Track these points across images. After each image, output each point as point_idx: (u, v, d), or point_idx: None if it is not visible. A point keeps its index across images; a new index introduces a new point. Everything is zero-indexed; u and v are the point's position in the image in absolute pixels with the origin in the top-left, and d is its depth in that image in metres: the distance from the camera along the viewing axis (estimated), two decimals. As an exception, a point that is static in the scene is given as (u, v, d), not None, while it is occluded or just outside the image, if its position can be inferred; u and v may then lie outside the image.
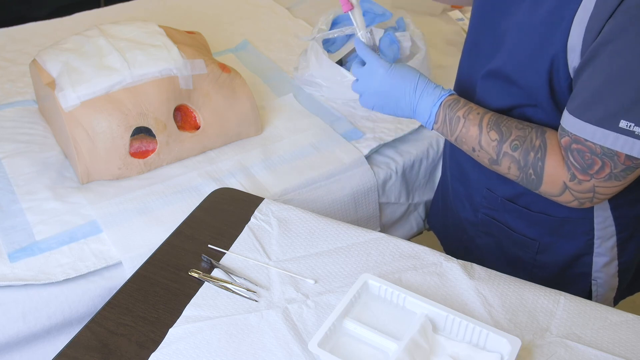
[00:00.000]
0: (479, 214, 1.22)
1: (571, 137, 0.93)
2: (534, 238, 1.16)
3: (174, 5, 2.09)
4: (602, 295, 1.19)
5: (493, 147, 1.01)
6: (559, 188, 0.98)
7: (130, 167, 1.35)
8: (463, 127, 1.03)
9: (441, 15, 2.08)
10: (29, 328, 1.14)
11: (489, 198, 1.18)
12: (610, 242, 1.12)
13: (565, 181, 0.96)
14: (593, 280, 1.17)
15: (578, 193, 0.96)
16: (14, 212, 1.27)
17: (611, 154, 0.90)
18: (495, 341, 0.88)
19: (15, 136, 1.46)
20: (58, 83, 1.33)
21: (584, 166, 0.93)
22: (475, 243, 1.27)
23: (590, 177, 0.94)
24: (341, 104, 1.61)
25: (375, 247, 1.07)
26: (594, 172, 0.93)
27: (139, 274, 1.04)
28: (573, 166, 0.94)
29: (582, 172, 0.94)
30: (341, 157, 1.45)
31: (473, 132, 1.03)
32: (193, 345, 0.91)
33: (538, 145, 0.98)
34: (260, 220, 1.13)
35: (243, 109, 1.45)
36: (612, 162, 0.91)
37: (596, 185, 0.94)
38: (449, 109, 1.04)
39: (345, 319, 0.91)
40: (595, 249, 1.13)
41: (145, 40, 1.40)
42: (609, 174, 0.92)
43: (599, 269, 1.15)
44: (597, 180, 0.94)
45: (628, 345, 0.91)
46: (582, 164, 0.93)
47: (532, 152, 0.98)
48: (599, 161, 0.92)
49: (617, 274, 1.16)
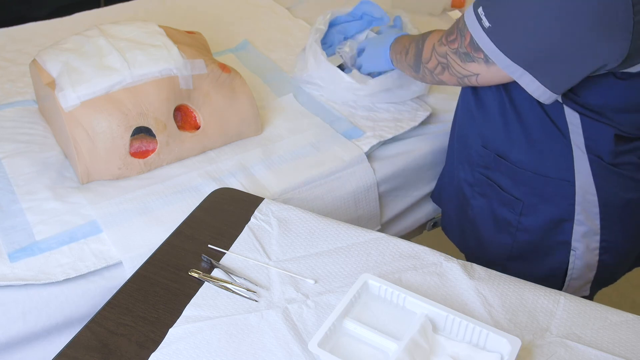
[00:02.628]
0: (476, 172, 1.28)
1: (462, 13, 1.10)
2: (519, 198, 1.21)
3: (174, 5, 2.09)
4: (579, 270, 1.22)
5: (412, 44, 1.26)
6: (429, 51, 1.17)
7: (130, 167, 1.35)
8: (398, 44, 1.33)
9: (441, 15, 2.07)
10: (29, 328, 1.14)
11: (484, 155, 1.25)
12: (591, 212, 1.16)
13: (434, 43, 1.16)
14: (572, 250, 1.20)
15: (439, 56, 1.15)
16: (14, 212, 1.27)
17: (464, 32, 1.06)
18: (495, 341, 0.88)
19: (15, 136, 1.45)
20: (58, 83, 1.33)
21: (448, 33, 1.12)
22: (471, 204, 1.33)
23: (447, 43, 1.11)
24: (341, 104, 1.61)
25: (375, 247, 1.07)
26: (449, 40, 1.10)
27: (139, 274, 1.04)
28: (444, 32, 1.14)
29: (445, 37, 1.12)
30: (341, 154, 1.45)
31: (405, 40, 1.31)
32: (193, 345, 0.91)
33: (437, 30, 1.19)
34: (260, 220, 1.13)
35: (243, 109, 1.46)
36: (461, 39, 1.07)
37: (447, 53, 1.12)
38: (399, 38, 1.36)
39: (345, 319, 0.91)
40: (576, 216, 1.17)
41: (145, 40, 1.40)
42: (457, 50, 1.09)
43: (578, 239, 1.19)
44: (449, 49, 1.11)
45: (628, 345, 0.91)
46: (448, 32, 1.12)
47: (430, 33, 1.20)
48: (455, 32, 1.09)
49: (597, 250, 1.19)
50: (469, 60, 1.08)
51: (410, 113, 1.57)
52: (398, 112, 1.58)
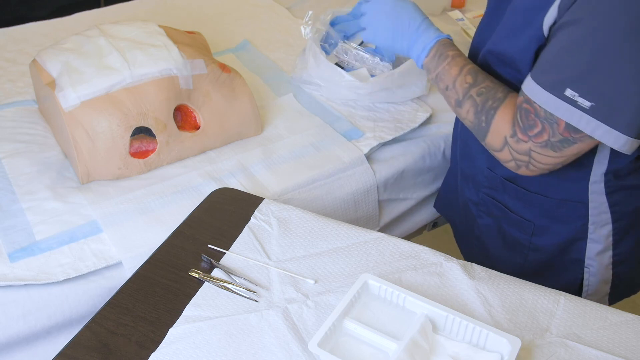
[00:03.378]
0: (480, 193, 1.25)
1: (524, 97, 0.97)
2: (529, 219, 1.18)
3: (174, 5, 2.09)
4: (594, 286, 1.20)
5: (464, 88, 1.07)
6: (500, 142, 1.03)
7: (130, 167, 1.35)
8: (447, 64, 1.10)
9: (441, 15, 2.07)
10: (29, 328, 1.14)
11: (490, 177, 1.21)
12: (604, 230, 1.14)
13: (506, 136, 1.01)
14: (586, 267, 1.18)
15: (515, 153, 1.01)
16: (14, 212, 1.27)
17: (552, 121, 0.95)
18: (495, 341, 0.88)
19: (15, 136, 1.45)
20: (58, 83, 1.33)
21: (526, 126, 0.98)
22: (477, 223, 1.30)
23: (529, 138, 0.98)
24: (341, 104, 1.61)
25: (375, 247, 1.07)
26: (533, 134, 0.97)
27: (139, 274, 1.04)
28: (517, 124, 0.99)
29: (522, 131, 0.99)
30: (341, 156, 1.45)
31: (453, 72, 1.09)
32: (193, 345, 0.91)
33: (499, 97, 1.03)
34: (260, 220, 1.13)
35: (243, 109, 1.46)
36: (551, 129, 0.95)
37: (532, 150, 0.99)
38: (443, 47, 1.12)
39: (345, 319, 0.91)
40: (590, 235, 1.15)
41: (145, 40, 1.40)
42: (546, 141, 0.97)
43: (592, 257, 1.17)
44: (534, 144, 0.98)
45: (628, 345, 0.91)
46: (525, 124, 0.98)
47: (491, 100, 1.04)
48: (539, 124, 0.96)
49: (611, 265, 1.17)
50: (567, 146, 0.96)
51: (410, 114, 1.57)
52: (398, 112, 1.58)
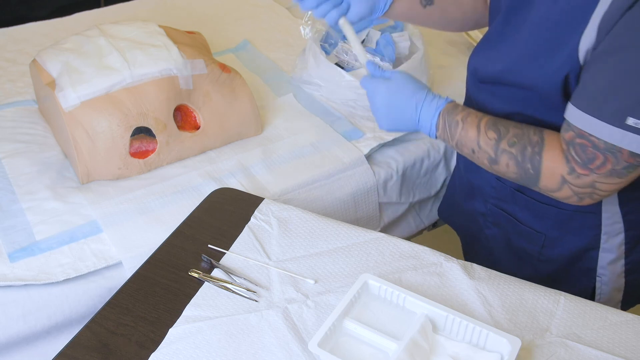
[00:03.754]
0: (488, 204, 1.22)
1: (575, 132, 0.93)
2: (540, 231, 1.16)
3: (174, 5, 2.09)
4: (606, 294, 1.19)
5: (491, 145, 1.02)
6: (558, 182, 0.97)
7: (130, 167, 1.35)
8: (462, 129, 1.04)
9: (441, 15, 2.07)
10: (29, 328, 1.14)
11: (499, 188, 1.18)
12: (617, 239, 1.12)
13: (563, 175, 0.96)
14: (598, 277, 1.16)
15: (577, 188, 0.96)
16: (14, 212, 1.27)
17: (614, 150, 0.90)
18: (495, 341, 0.88)
19: (15, 136, 1.46)
20: (58, 83, 1.33)
21: (584, 160, 0.93)
22: (485, 234, 1.27)
23: (591, 171, 0.93)
24: (341, 104, 1.61)
25: (375, 247, 1.07)
26: (594, 166, 0.93)
27: (139, 274, 1.04)
28: (573, 160, 0.94)
29: (582, 166, 0.93)
30: (341, 156, 1.45)
31: (472, 134, 1.03)
32: (193, 345, 0.91)
33: (536, 140, 0.98)
34: (260, 220, 1.13)
35: (243, 109, 1.46)
36: (615, 158, 0.91)
37: (596, 181, 0.94)
38: (448, 115, 1.05)
39: (345, 319, 0.91)
40: (602, 244, 1.13)
41: (145, 40, 1.40)
42: (610, 170, 0.92)
43: (604, 266, 1.15)
44: (597, 176, 0.93)
45: (628, 345, 0.91)
46: (583, 158, 0.93)
47: (530, 146, 0.98)
48: (600, 156, 0.91)
49: (623, 273, 1.16)
50: (632, 171, 0.93)
51: (410, 113, 1.57)
52: (398, 112, 1.57)
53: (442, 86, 1.68)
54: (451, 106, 1.06)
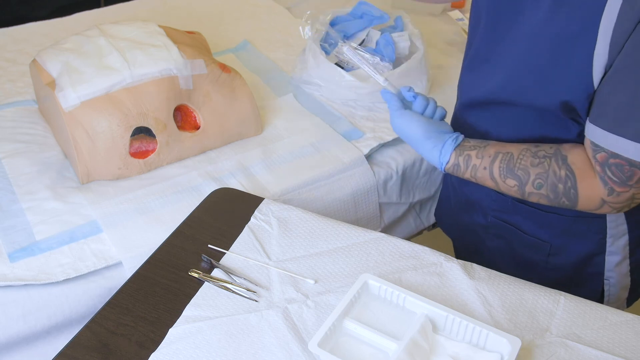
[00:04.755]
0: (489, 217, 1.20)
1: (608, 153, 0.91)
2: (545, 240, 1.14)
3: (174, 5, 2.09)
4: (615, 295, 1.18)
5: (515, 191, 1.01)
6: (597, 204, 0.97)
7: (130, 167, 1.35)
8: (477, 183, 1.04)
9: (441, 15, 2.08)
10: (29, 328, 1.14)
11: (499, 200, 1.16)
12: (622, 241, 1.11)
13: (603, 197, 0.95)
14: (605, 279, 1.16)
15: (617, 204, 0.95)
16: (14, 212, 1.27)
17: None
18: (495, 341, 0.88)
19: (15, 136, 1.46)
20: (58, 83, 1.33)
21: (623, 179, 0.92)
22: (486, 245, 1.25)
23: (630, 187, 0.92)
24: (341, 104, 1.61)
25: (375, 247, 1.07)
26: (633, 182, 0.92)
27: (139, 274, 1.04)
28: (611, 180, 0.93)
29: (620, 184, 0.92)
30: (341, 156, 1.45)
31: (490, 184, 1.03)
32: (193, 345, 0.91)
33: (564, 175, 0.97)
34: (260, 220, 1.13)
35: (243, 109, 1.46)
36: None
37: (635, 193, 0.93)
38: (455, 171, 1.05)
39: (345, 319, 0.91)
40: (608, 248, 1.12)
41: (145, 40, 1.40)
42: None
43: (611, 268, 1.14)
44: (636, 189, 0.93)
45: (628, 345, 0.91)
46: (621, 177, 0.92)
47: (560, 184, 0.97)
48: (638, 172, 0.90)
49: (629, 273, 1.16)
50: None
51: (410, 113, 1.57)
52: (398, 112, 1.57)
53: (442, 86, 1.68)
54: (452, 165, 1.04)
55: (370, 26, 1.67)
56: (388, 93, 1.09)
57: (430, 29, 1.94)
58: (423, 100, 1.08)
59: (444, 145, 1.04)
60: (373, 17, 1.68)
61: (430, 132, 1.05)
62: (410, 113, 1.07)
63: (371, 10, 1.68)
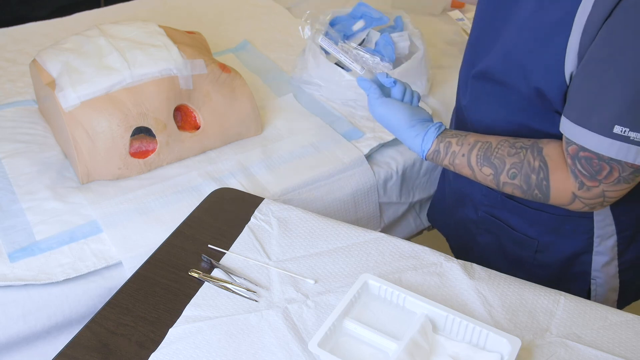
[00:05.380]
0: (480, 211, 1.22)
1: (578, 146, 0.92)
2: (533, 237, 1.16)
3: (174, 5, 2.09)
4: (602, 296, 1.19)
5: (490, 180, 1.03)
6: (568, 198, 0.98)
7: (130, 167, 1.35)
8: (455, 170, 1.07)
9: (441, 16, 2.08)
10: (29, 328, 1.14)
11: (490, 196, 1.18)
12: (610, 242, 1.12)
13: (573, 191, 0.96)
14: (592, 279, 1.17)
15: (588, 200, 0.96)
16: (14, 212, 1.27)
17: (617, 159, 0.89)
18: (495, 341, 0.88)
19: (15, 136, 1.46)
20: (58, 83, 1.33)
21: (592, 172, 0.92)
22: (477, 241, 1.26)
23: (599, 182, 0.93)
24: (341, 104, 1.61)
25: (375, 247, 1.07)
26: (602, 177, 0.92)
27: (139, 274, 1.04)
28: (581, 174, 0.94)
29: (590, 178, 0.93)
30: (341, 156, 1.45)
31: (467, 172, 1.05)
32: (193, 345, 0.91)
33: (538, 166, 0.98)
34: (260, 220, 1.13)
35: (243, 109, 1.46)
36: (620, 166, 0.90)
37: (605, 190, 0.94)
38: (435, 158, 1.07)
39: (345, 319, 0.91)
40: (595, 248, 1.13)
41: (145, 40, 1.40)
42: (618, 178, 0.92)
43: (598, 269, 1.15)
44: (605, 185, 0.93)
45: (628, 345, 0.91)
46: (590, 171, 0.93)
47: (533, 174, 0.98)
48: (606, 166, 0.91)
49: (617, 274, 1.16)
50: (638, 175, 0.92)
51: (410, 113, 1.57)
52: (398, 112, 1.57)
53: (442, 86, 1.68)
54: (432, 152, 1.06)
55: (370, 27, 1.68)
56: (366, 81, 1.10)
57: (430, 29, 1.94)
58: (401, 85, 1.10)
59: (426, 132, 1.06)
60: (372, 19, 1.68)
61: (413, 120, 1.07)
62: (391, 101, 1.08)
63: (370, 12, 1.69)
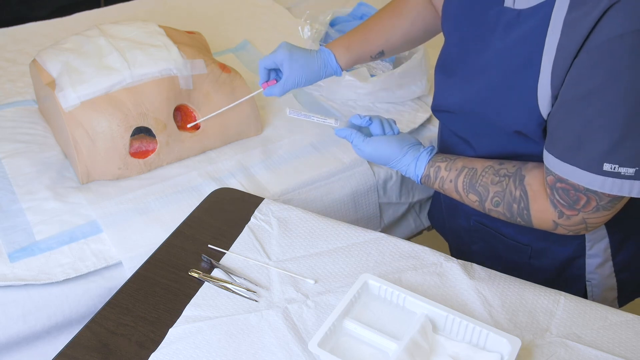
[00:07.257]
0: (471, 220, 1.22)
1: (555, 177, 0.94)
2: (526, 243, 1.16)
3: (174, 5, 2.09)
4: (599, 295, 1.19)
5: (477, 205, 1.06)
6: (550, 226, 1.00)
7: (130, 167, 1.35)
8: (445, 193, 1.10)
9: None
10: (29, 328, 1.14)
11: None
12: (602, 244, 1.13)
13: (554, 220, 0.98)
14: (587, 281, 1.17)
15: (569, 227, 0.98)
16: (14, 212, 1.27)
17: (593, 190, 0.91)
18: (495, 341, 0.88)
19: (15, 136, 1.45)
20: (58, 83, 1.33)
21: (569, 202, 0.95)
22: (471, 249, 1.28)
23: (578, 211, 0.95)
24: (341, 104, 1.61)
25: (375, 247, 1.07)
26: (580, 206, 0.94)
27: (139, 274, 1.04)
28: (559, 203, 0.96)
29: (568, 207, 0.95)
30: (341, 156, 1.45)
31: (455, 197, 1.09)
32: (193, 345, 0.91)
33: (519, 195, 1.00)
34: (260, 220, 1.13)
35: (243, 109, 1.46)
36: (597, 197, 0.92)
37: (585, 218, 0.96)
38: (426, 182, 1.11)
39: (345, 319, 0.91)
40: (587, 251, 1.14)
41: (145, 40, 1.40)
42: (596, 207, 0.94)
43: (592, 270, 1.16)
44: (585, 213, 0.95)
45: (628, 345, 0.91)
46: (567, 201, 0.95)
47: (515, 204, 1.01)
48: (583, 197, 0.93)
49: (613, 274, 1.17)
50: (617, 202, 0.93)
51: (410, 114, 1.57)
52: (398, 112, 1.58)
53: (442, 86, 1.68)
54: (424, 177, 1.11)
55: None
56: (343, 130, 1.16)
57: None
58: (376, 119, 1.14)
59: (418, 157, 1.11)
60: None
61: (403, 147, 1.12)
62: (376, 138, 1.13)
63: (370, 12, 1.69)
